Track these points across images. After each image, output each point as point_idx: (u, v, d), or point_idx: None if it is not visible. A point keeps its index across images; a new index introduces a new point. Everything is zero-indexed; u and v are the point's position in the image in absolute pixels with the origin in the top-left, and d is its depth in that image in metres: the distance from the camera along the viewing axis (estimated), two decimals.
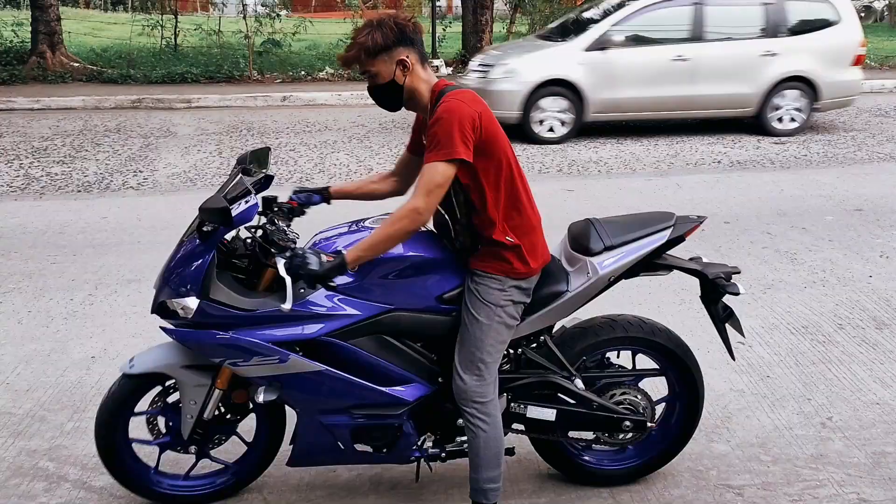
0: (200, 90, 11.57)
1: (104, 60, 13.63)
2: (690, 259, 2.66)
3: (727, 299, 2.58)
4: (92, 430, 2.56)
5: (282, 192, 2.61)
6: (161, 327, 2.41)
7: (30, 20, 13.00)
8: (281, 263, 2.18)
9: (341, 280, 2.35)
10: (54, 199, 6.49)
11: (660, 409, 2.79)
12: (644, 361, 2.76)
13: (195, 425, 2.52)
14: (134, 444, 2.61)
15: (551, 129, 8.64)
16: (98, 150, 8.24)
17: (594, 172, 7.43)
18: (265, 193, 2.49)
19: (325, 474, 2.86)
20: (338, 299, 2.36)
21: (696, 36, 8.73)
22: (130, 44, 14.39)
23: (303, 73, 13.06)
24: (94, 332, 3.99)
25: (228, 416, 2.62)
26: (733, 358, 2.75)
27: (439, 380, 2.49)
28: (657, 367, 2.75)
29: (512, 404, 2.58)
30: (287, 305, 2.17)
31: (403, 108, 2.37)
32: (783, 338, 3.96)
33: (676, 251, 2.65)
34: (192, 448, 2.59)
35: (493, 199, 2.30)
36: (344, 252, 2.20)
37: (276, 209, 2.49)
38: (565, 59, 8.66)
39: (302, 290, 2.32)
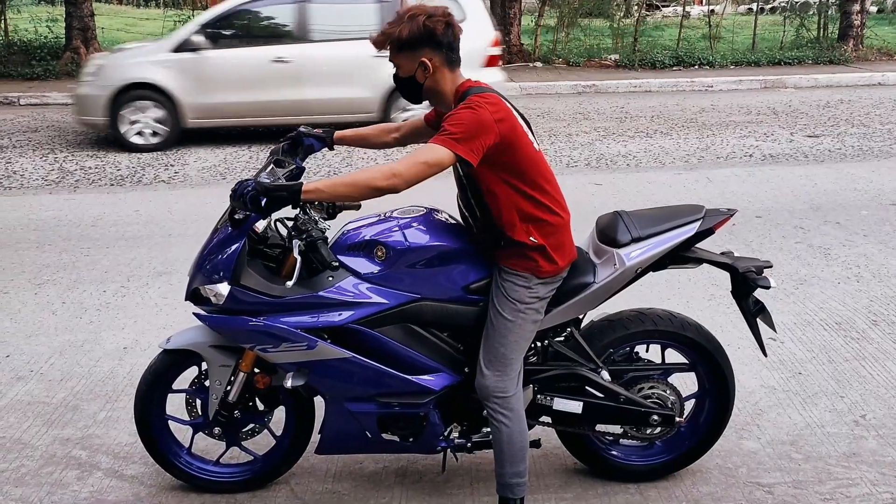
0: None
1: None
2: (721, 253, 2.63)
3: (759, 294, 2.54)
4: (125, 420, 2.59)
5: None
6: (194, 313, 2.45)
7: (64, 16, 13.23)
8: (296, 246, 2.20)
9: (369, 269, 2.37)
10: (88, 192, 6.60)
11: (689, 405, 2.76)
12: (673, 356, 2.73)
13: (220, 406, 2.56)
14: (171, 423, 2.69)
15: (155, 134, 8.01)
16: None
17: (622, 166, 7.37)
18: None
19: (351, 466, 2.88)
20: (366, 287, 2.37)
21: (301, 36, 8.08)
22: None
23: None
24: (127, 324, 4.05)
25: (260, 408, 2.65)
26: (765, 354, 2.71)
27: (465, 370, 2.48)
28: (686, 362, 2.71)
29: (538, 396, 2.57)
30: (290, 283, 2.21)
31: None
32: (816, 334, 3.90)
33: (706, 245, 2.62)
34: (217, 430, 2.63)
35: (509, 204, 2.27)
36: (304, 182, 2.13)
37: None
38: (150, 62, 8.03)
39: (330, 278, 2.35)
